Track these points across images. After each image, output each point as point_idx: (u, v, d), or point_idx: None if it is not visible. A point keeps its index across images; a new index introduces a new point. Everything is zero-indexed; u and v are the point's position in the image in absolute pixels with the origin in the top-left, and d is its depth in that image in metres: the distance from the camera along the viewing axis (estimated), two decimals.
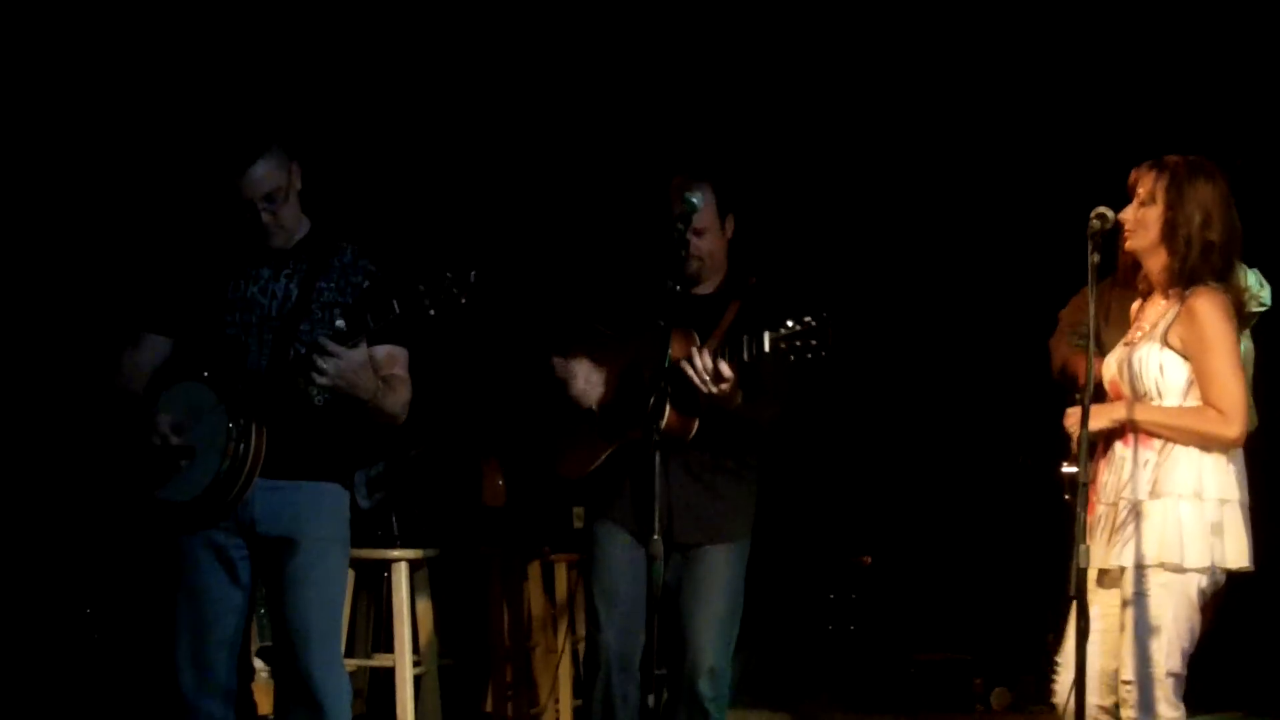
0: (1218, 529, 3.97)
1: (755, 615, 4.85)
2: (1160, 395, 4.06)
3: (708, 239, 4.61)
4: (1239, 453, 4.08)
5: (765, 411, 4.56)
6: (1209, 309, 3.99)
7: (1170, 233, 4.03)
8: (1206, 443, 3.99)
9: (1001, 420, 6.98)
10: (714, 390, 4.30)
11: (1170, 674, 3.96)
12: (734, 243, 4.77)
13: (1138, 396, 4.09)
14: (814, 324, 4.09)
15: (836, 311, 4.10)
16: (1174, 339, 4.04)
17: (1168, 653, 3.95)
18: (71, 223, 6.48)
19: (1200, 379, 4.00)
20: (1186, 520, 3.96)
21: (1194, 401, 4.02)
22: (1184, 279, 4.04)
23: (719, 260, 4.73)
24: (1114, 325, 5.94)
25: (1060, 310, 6.03)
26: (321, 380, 4.07)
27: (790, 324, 4.12)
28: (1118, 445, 4.10)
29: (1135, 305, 4.28)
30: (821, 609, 7.01)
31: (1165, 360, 4.04)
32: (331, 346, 4.05)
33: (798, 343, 4.11)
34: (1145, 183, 4.07)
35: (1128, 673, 3.99)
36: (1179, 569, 3.94)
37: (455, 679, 6.35)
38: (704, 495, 4.64)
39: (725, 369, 4.27)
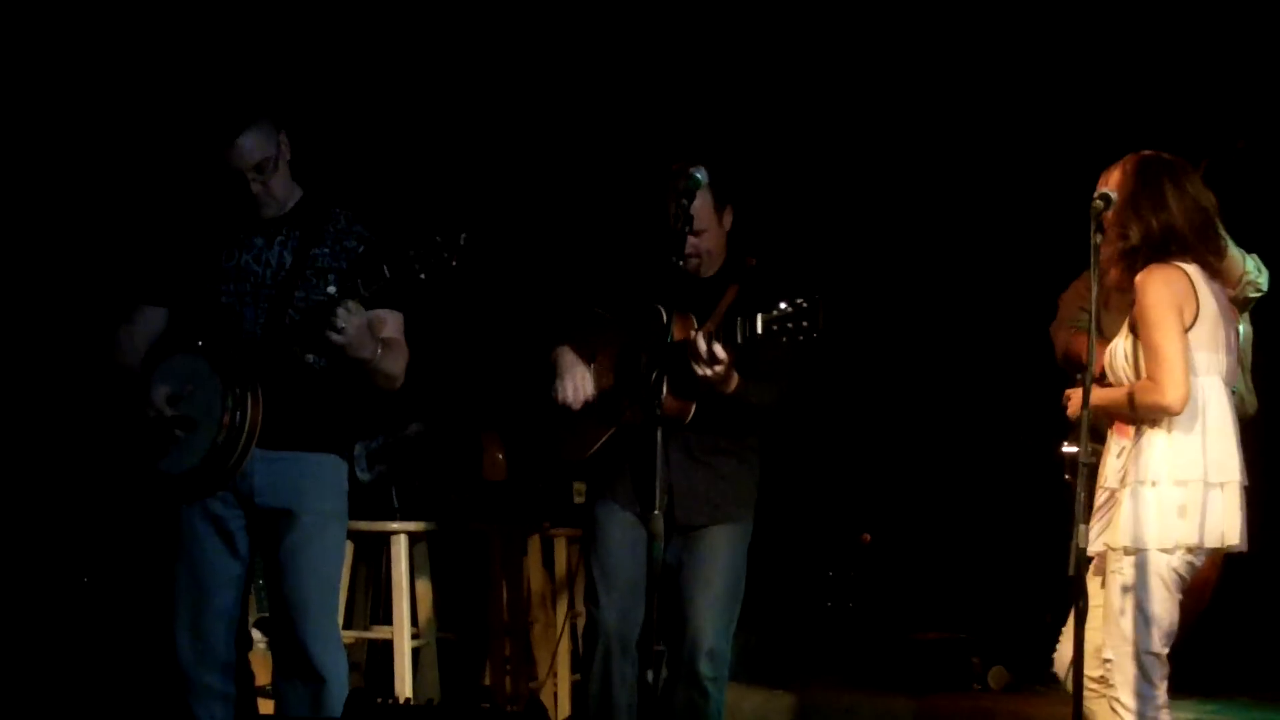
0: (1184, 511, 4.02)
1: (754, 593, 4.85)
2: (1127, 381, 4.15)
3: (706, 238, 4.61)
4: (1220, 430, 4.10)
5: (762, 397, 4.55)
6: (1146, 284, 4.07)
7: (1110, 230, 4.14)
8: (1148, 412, 4.05)
9: (1000, 400, 6.97)
10: (709, 373, 4.30)
11: (1148, 653, 4.03)
12: (733, 227, 4.77)
13: (1116, 384, 4.17)
14: (805, 305, 4.08)
15: (828, 292, 4.10)
16: (1133, 320, 4.13)
17: (1142, 632, 4.03)
18: (65, 197, 6.46)
19: (1143, 351, 4.07)
20: (1149, 505, 4.03)
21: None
22: (1121, 263, 4.14)
23: (717, 253, 4.73)
24: (1114, 309, 5.99)
25: (1060, 294, 6.03)
26: (337, 337, 4.06)
27: (783, 305, 4.12)
28: (1109, 433, 4.19)
29: None
30: (820, 587, 7.00)
31: (1128, 347, 4.13)
32: (350, 303, 4.05)
33: (789, 324, 4.11)
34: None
35: (1108, 651, 4.08)
36: (1144, 550, 4.02)
37: (454, 653, 6.36)
38: (705, 476, 4.64)
39: (720, 351, 4.27)
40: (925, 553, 7.20)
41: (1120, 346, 4.14)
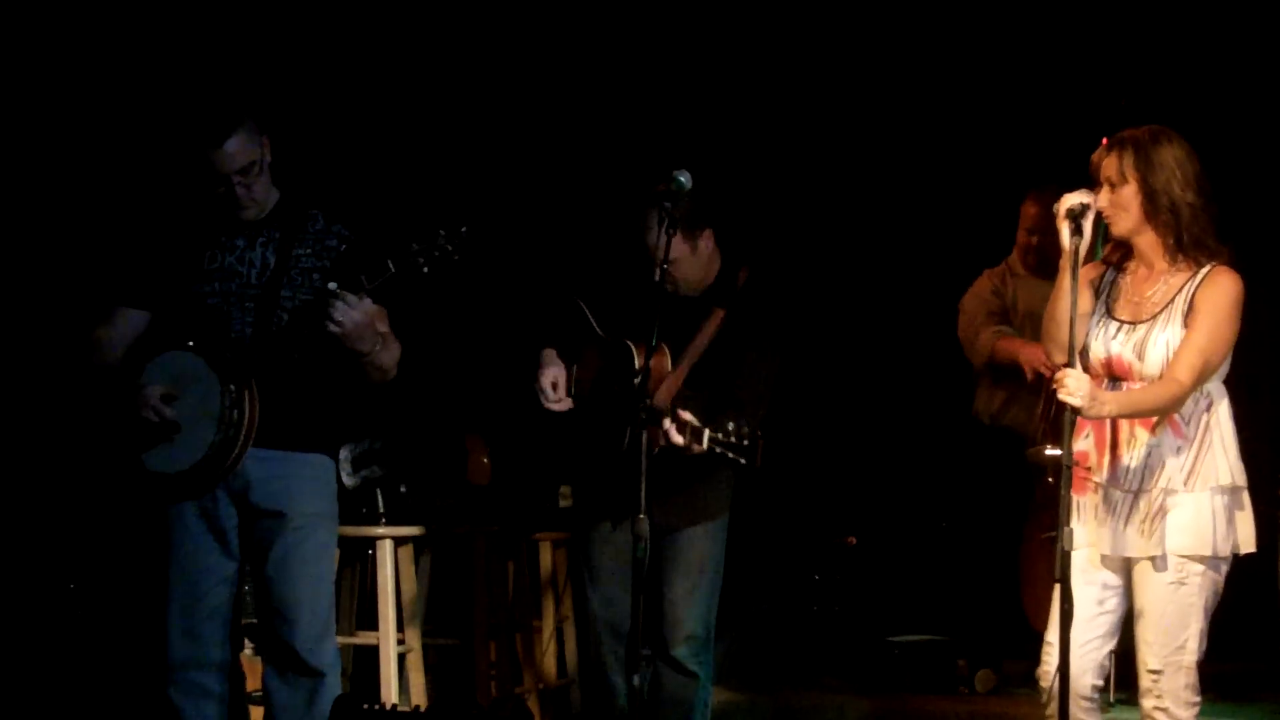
0: (1232, 515, 3.99)
1: (740, 597, 4.89)
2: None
3: (681, 267, 4.63)
4: (1235, 436, 4.05)
5: (745, 426, 4.39)
6: (1226, 284, 3.95)
7: (1152, 206, 3.97)
8: (1163, 409, 3.95)
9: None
10: (678, 445, 4.33)
11: (1197, 662, 3.98)
12: (721, 237, 4.80)
13: (1149, 380, 4.00)
14: (747, 443, 4.24)
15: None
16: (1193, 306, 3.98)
17: (1199, 640, 3.97)
18: (44, 199, 6.44)
19: (1193, 336, 3.93)
20: (1219, 511, 3.96)
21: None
22: (1186, 247, 3.99)
23: (698, 277, 4.77)
24: (1022, 309, 6.07)
25: (959, 301, 6.09)
26: (335, 329, 4.07)
27: (727, 433, 4.25)
28: (1139, 431, 4.01)
29: (1122, 281, 4.18)
30: (806, 590, 7.01)
31: (1170, 338, 3.97)
32: (349, 296, 4.07)
33: (730, 454, 4.27)
34: (1110, 165, 4.00)
35: (1155, 661, 3.97)
36: (1214, 558, 3.95)
37: (439, 657, 6.34)
38: (680, 479, 4.64)
39: (686, 432, 4.30)
40: (911, 555, 7.21)
41: (1162, 339, 3.97)
